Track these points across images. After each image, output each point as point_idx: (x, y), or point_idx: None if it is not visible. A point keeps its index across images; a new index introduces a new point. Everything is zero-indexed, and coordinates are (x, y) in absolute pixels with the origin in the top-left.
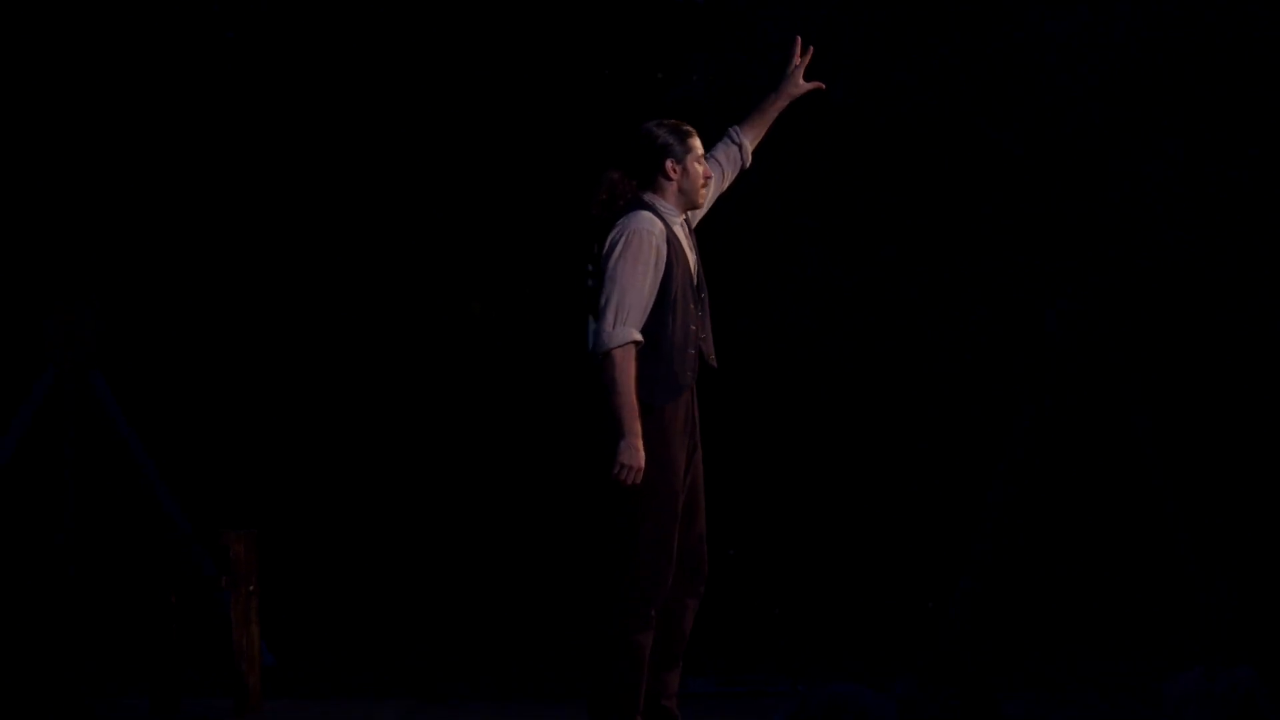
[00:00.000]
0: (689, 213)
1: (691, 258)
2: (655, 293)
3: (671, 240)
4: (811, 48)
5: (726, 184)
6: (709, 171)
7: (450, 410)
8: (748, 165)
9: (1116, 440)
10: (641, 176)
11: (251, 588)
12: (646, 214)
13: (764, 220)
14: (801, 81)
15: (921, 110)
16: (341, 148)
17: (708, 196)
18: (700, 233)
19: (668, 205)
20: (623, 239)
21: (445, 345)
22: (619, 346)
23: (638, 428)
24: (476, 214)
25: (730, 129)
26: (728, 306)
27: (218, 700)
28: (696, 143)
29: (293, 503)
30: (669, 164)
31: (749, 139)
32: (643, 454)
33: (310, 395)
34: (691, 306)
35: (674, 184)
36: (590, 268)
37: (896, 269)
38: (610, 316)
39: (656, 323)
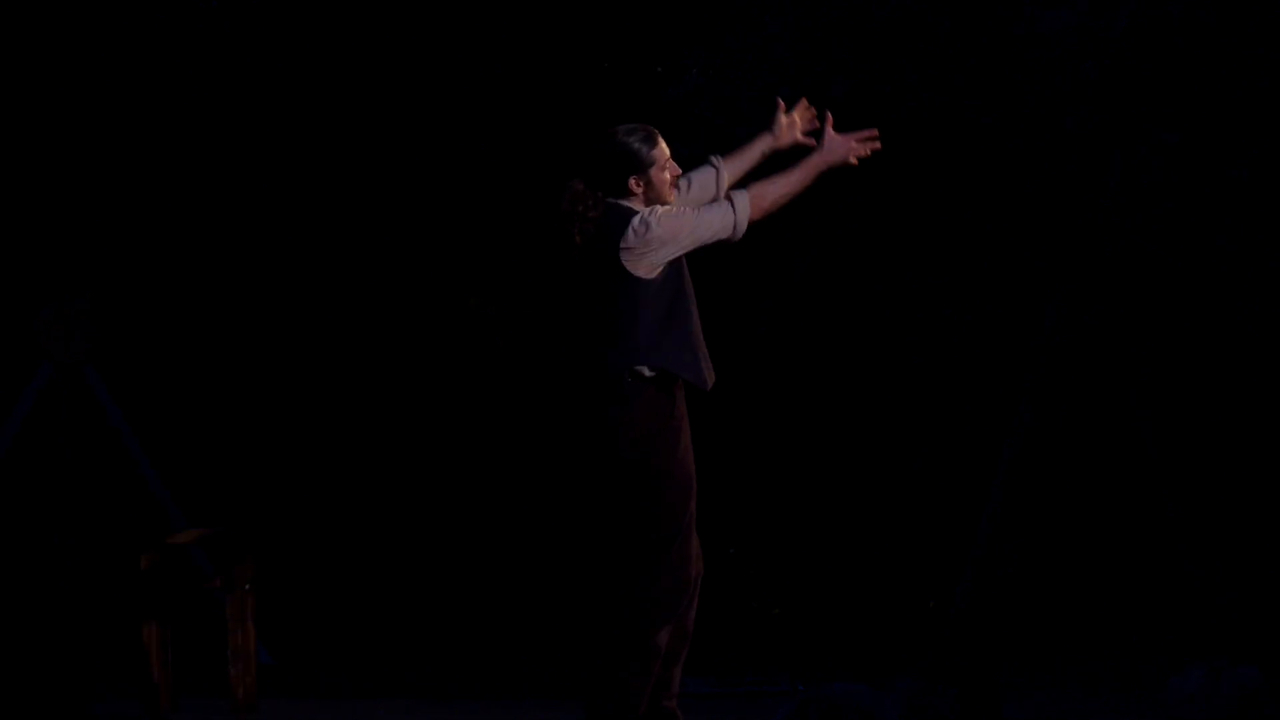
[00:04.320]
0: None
1: None
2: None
3: None
4: (830, 116)
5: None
6: (676, 170)
7: (448, 407)
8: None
9: (1117, 439)
10: (609, 185)
11: (248, 587)
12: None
13: (762, 219)
14: (798, 133)
15: (920, 108)
16: (338, 143)
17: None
18: None
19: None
20: (650, 211)
21: (442, 341)
22: (744, 218)
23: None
24: (474, 209)
25: (711, 157)
26: (728, 306)
27: (214, 701)
28: (664, 147)
29: (290, 502)
30: (632, 180)
31: (730, 171)
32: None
33: (307, 393)
34: None
35: (640, 196)
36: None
37: (895, 268)
38: (716, 221)
39: (684, 311)
